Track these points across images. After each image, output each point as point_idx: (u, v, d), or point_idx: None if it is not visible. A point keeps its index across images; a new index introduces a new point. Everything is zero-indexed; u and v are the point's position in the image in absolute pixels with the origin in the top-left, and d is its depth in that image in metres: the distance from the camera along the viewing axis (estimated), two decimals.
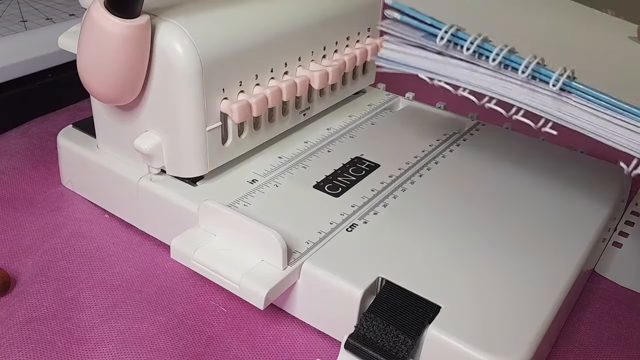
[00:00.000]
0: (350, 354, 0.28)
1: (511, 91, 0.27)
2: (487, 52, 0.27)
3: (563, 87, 0.26)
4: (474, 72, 0.28)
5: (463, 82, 0.28)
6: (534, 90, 0.27)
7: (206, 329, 0.32)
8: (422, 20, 0.29)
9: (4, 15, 0.53)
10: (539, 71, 0.26)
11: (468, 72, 0.28)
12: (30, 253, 0.36)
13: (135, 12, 0.30)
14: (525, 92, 0.27)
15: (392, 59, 0.30)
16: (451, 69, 0.29)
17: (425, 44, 0.29)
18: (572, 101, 0.26)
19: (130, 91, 0.33)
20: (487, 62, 0.27)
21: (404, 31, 0.29)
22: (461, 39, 0.28)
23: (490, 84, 0.28)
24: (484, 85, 0.28)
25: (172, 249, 0.32)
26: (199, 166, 0.35)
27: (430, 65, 0.29)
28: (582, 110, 0.26)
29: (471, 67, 0.28)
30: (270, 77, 0.37)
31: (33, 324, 0.31)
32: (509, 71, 0.27)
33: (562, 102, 0.26)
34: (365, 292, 0.29)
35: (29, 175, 0.43)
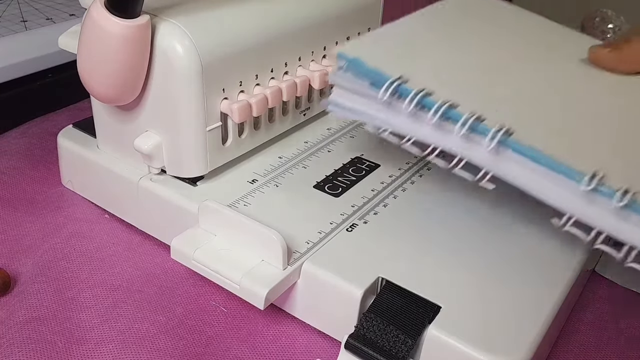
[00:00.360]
0: (351, 354, 0.28)
1: (451, 144, 0.28)
2: (428, 105, 0.28)
3: (500, 143, 0.26)
4: (416, 124, 0.28)
5: (407, 133, 0.29)
6: (471, 144, 0.27)
7: (206, 329, 0.32)
8: (367, 71, 0.29)
9: (4, 15, 0.53)
10: (477, 127, 0.27)
11: (411, 124, 0.29)
12: (30, 253, 0.36)
13: (136, 12, 0.30)
14: (464, 145, 0.27)
15: (342, 105, 0.31)
16: (395, 119, 0.29)
17: (370, 93, 0.29)
18: (508, 157, 0.27)
19: (130, 91, 0.33)
20: (428, 115, 0.28)
21: (351, 80, 0.30)
22: (403, 93, 0.28)
23: (432, 136, 0.28)
24: (426, 138, 0.28)
25: (172, 249, 0.32)
26: (199, 166, 0.35)
27: (375, 114, 0.30)
28: (517, 165, 0.27)
29: (414, 119, 0.28)
30: (270, 77, 0.37)
31: (33, 324, 0.31)
32: (449, 124, 0.28)
33: (498, 157, 0.27)
34: (365, 292, 0.29)
35: (29, 175, 0.43)
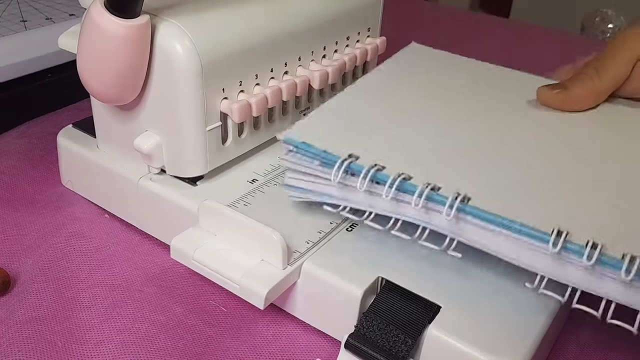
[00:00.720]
0: (351, 353, 0.28)
1: (411, 215, 0.28)
2: (382, 180, 0.28)
3: (458, 210, 0.27)
4: (374, 200, 0.29)
5: (366, 209, 0.29)
6: (430, 213, 0.28)
7: (206, 329, 0.32)
8: (316, 153, 0.30)
9: (4, 15, 0.53)
10: (433, 197, 0.27)
11: (368, 200, 0.29)
12: (30, 253, 0.36)
13: (136, 12, 0.30)
14: (424, 216, 0.28)
15: (299, 187, 0.31)
16: (352, 197, 0.29)
17: (323, 174, 0.30)
18: (468, 222, 0.27)
19: (130, 91, 0.33)
20: (383, 190, 0.28)
21: (302, 162, 0.30)
22: (356, 170, 0.29)
23: (391, 210, 0.29)
24: (385, 212, 0.29)
25: (172, 248, 0.32)
26: (199, 166, 0.35)
27: (331, 193, 0.30)
28: (479, 230, 0.27)
29: (370, 195, 0.29)
30: (270, 77, 0.37)
31: (33, 323, 0.31)
32: (406, 197, 0.28)
33: (459, 224, 0.27)
34: (365, 291, 0.29)
35: (29, 175, 0.43)
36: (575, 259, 0.25)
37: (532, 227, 0.26)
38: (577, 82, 0.36)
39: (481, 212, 0.27)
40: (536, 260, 0.26)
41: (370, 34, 0.45)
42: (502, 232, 0.26)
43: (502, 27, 0.80)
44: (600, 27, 1.37)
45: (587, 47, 0.72)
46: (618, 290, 0.24)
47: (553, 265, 0.25)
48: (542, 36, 0.75)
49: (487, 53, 0.50)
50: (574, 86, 0.36)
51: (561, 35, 0.77)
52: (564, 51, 0.71)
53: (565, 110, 0.36)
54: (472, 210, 0.27)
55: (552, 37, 0.75)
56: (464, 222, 0.27)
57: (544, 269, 0.26)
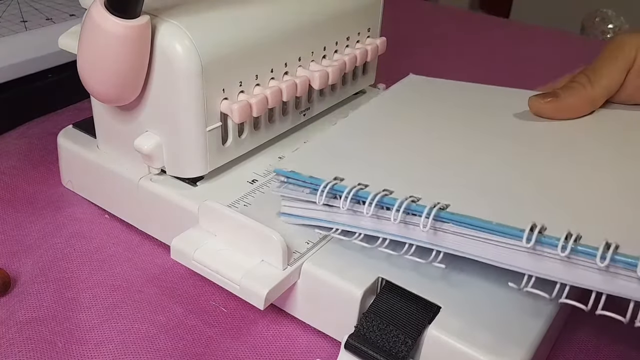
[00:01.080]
0: (351, 354, 0.28)
1: (391, 231, 0.29)
2: (364, 198, 0.29)
3: (436, 219, 0.27)
4: (357, 219, 0.30)
5: (354, 229, 0.30)
6: (410, 227, 0.28)
7: (206, 329, 0.32)
8: (304, 180, 0.31)
9: (4, 15, 0.53)
10: (411, 208, 0.28)
11: (352, 219, 0.30)
12: (30, 253, 0.36)
13: (136, 12, 0.30)
14: (403, 230, 0.28)
15: (294, 215, 0.32)
16: (337, 217, 0.30)
17: (312, 200, 0.31)
18: (446, 231, 0.27)
19: (130, 91, 0.33)
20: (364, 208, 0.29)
21: (293, 191, 0.32)
22: (339, 191, 0.30)
23: (373, 227, 0.29)
24: (371, 230, 0.29)
25: (172, 249, 0.32)
26: (199, 166, 0.35)
27: (320, 215, 0.31)
28: (456, 236, 0.27)
29: (353, 213, 0.30)
30: (270, 77, 0.37)
31: (33, 324, 0.31)
32: (386, 213, 0.29)
33: (437, 233, 0.28)
34: (365, 292, 0.29)
35: (29, 175, 0.43)
36: (550, 251, 0.25)
37: (506, 224, 0.26)
38: (569, 91, 0.36)
39: (456, 216, 0.27)
40: (515, 259, 0.26)
41: (370, 34, 0.45)
42: (479, 236, 0.26)
43: (502, 27, 0.80)
44: (600, 27, 1.37)
45: (587, 47, 0.72)
46: (597, 279, 0.24)
47: (531, 261, 0.26)
48: (542, 36, 0.75)
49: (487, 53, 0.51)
50: (566, 95, 0.36)
51: (561, 35, 0.77)
52: (564, 51, 0.71)
53: (558, 119, 0.36)
54: (447, 215, 0.27)
55: (552, 37, 0.75)
56: (442, 232, 0.27)
57: (524, 266, 0.26)
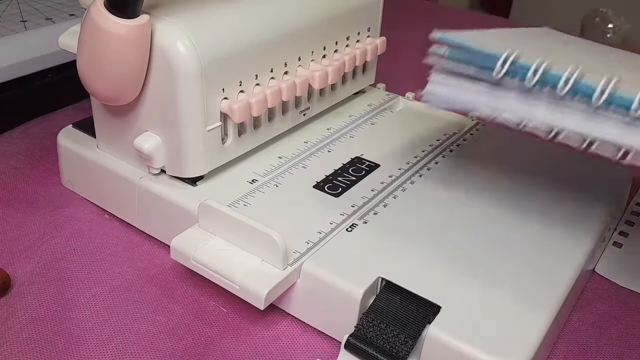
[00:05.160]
0: (351, 353, 0.28)
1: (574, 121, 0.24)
2: (552, 79, 0.24)
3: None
4: (534, 104, 0.25)
5: (519, 116, 0.26)
6: (604, 119, 0.23)
7: (206, 329, 0.32)
8: (474, 53, 0.26)
9: (4, 15, 0.53)
10: (616, 96, 0.22)
11: (529, 105, 0.25)
12: (30, 253, 0.36)
13: (136, 12, 0.30)
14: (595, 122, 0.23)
15: (442, 95, 0.28)
16: (510, 101, 0.26)
17: (479, 76, 0.26)
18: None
19: (130, 91, 0.33)
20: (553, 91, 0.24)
21: (454, 65, 0.27)
22: (522, 67, 0.25)
23: (556, 118, 0.24)
24: (547, 120, 0.25)
25: (172, 249, 0.32)
26: (199, 166, 0.35)
27: (484, 98, 0.26)
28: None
29: (531, 98, 0.25)
30: (270, 77, 0.37)
31: (33, 324, 0.31)
32: (577, 99, 0.24)
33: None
34: (365, 292, 0.29)
35: (29, 175, 0.43)
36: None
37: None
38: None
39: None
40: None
41: (370, 34, 0.45)
42: None
43: (502, 26, 0.80)
44: (600, 27, 1.37)
45: None
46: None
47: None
48: None
49: None
50: None
51: None
52: None
53: None
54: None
55: None
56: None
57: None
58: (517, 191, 0.37)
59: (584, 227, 0.34)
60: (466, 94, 0.27)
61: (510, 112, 0.26)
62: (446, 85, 0.27)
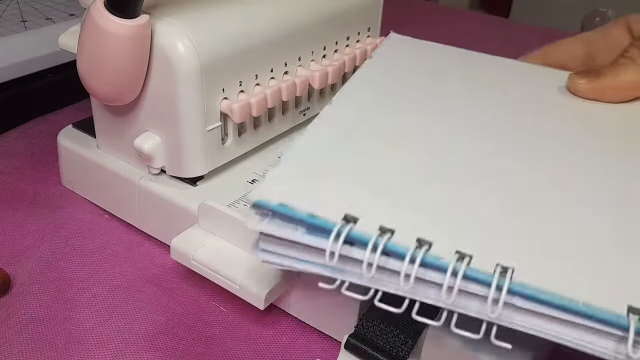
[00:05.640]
0: (351, 354, 0.28)
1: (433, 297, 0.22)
2: (396, 254, 0.22)
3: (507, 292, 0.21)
4: (382, 275, 0.22)
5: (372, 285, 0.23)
6: (468, 295, 0.22)
7: (206, 329, 0.32)
8: (300, 218, 0.23)
9: (4, 15, 0.53)
10: (468, 275, 0.21)
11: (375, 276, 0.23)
12: (30, 253, 0.36)
13: (136, 12, 0.30)
14: (456, 298, 0.22)
15: (280, 258, 0.24)
16: (352, 268, 0.23)
17: (312, 243, 0.23)
18: (517, 304, 0.21)
19: (130, 91, 0.33)
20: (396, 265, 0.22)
21: (281, 228, 0.23)
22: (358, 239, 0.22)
23: (407, 290, 0.22)
24: (402, 292, 0.23)
25: (172, 249, 0.32)
26: (199, 166, 0.35)
27: (324, 267, 0.23)
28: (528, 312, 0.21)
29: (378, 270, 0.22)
30: (270, 77, 0.37)
31: (33, 324, 0.31)
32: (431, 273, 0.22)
33: (504, 305, 0.21)
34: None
35: (29, 175, 0.43)
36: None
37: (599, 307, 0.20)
38: (618, 68, 0.30)
39: (529, 289, 0.21)
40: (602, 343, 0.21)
41: (370, 34, 0.45)
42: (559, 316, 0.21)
43: (502, 26, 0.80)
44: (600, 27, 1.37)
45: None
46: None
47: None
48: (542, 36, 0.75)
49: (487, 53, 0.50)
50: (614, 73, 0.30)
51: (561, 35, 0.77)
52: None
53: (603, 101, 0.30)
54: (518, 289, 0.21)
55: (552, 37, 0.75)
56: (509, 307, 0.21)
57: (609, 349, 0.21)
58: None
59: None
60: (309, 262, 0.24)
61: (358, 278, 0.23)
62: (281, 250, 0.24)
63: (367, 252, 0.22)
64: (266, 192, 0.24)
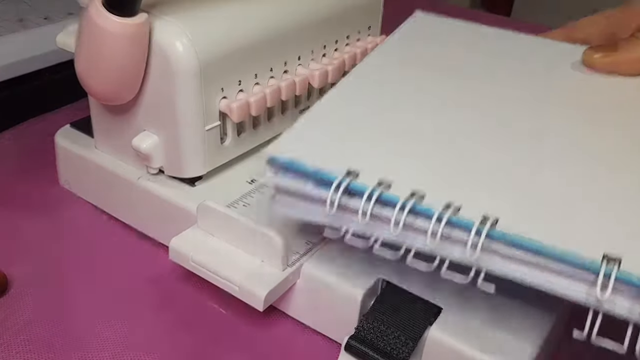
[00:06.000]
0: (351, 355, 0.28)
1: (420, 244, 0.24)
2: (390, 202, 0.24)
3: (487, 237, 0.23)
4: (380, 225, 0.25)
5: (371, 236, 0.25)
6: (452, 242, 0.23)
7: (205, 330, 0.31)
8: (308, 172, 0.25)
9: (1, 13, 0.52)
10: (454, 222, 0.23)
11: (373, 226, 0.25)
12: (27, 254, 0.36)
13: (134, 10, 0.30)
14: (442, 245, 0.24)
15: (291, 211, 0.27)
16: (353, 221, 0.25)
17: (318, 196, 0.25)
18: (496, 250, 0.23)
19: (128, 90, 0.33)
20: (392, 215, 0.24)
21: (292, 181, 0.26)
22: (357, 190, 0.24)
23: (402, 237, 0.24)
24: (396, 239, 0.24)
25: (170, 249, 0.31)
26: (198, 166, 0.35)
27: (330, 219, 0.25)
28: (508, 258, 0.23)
29: (376, 220, 0.25)
30: (269, 76, 0.37)
31: (30, 325, 0.31)
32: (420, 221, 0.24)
33: (485, 253, 0.23)
34: (365, 293, 0.29)
35: (26, 175, 0.43)
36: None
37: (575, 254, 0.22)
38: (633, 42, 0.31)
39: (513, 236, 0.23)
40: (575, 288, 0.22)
41: (370, 33, 0.45)
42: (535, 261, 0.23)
43: (503, 25, 0.79)
44: None
45: None
46: None
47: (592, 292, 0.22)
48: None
49: None
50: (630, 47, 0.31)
51: None
52: None
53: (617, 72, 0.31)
54: (499, 235, 0.23)
55: None
56: (489, 252, 0.23)
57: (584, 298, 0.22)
58: None
59: None
60: (315, 212, 0.26)
61: (356, 230, 0.25)
62: (294, 204, 0.26)
63: (363, 201, 0.24)
64: (280, 148, 0.27)
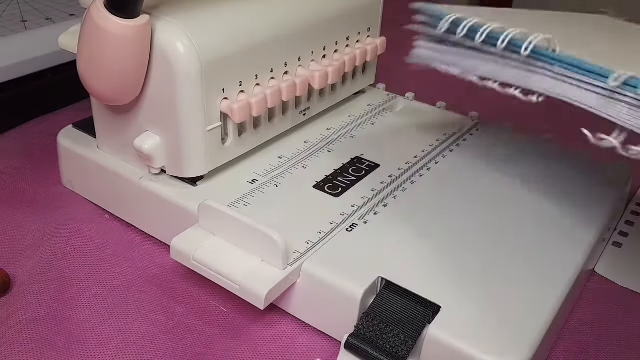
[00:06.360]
0: (351, 353, 0.28)
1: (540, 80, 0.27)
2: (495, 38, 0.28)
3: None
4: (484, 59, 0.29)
5: (476, 70, 0.29)
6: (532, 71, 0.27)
7: (206, 329, 0.32)
8: (433, 13, 0.30)
9: (4, 15, 0.53)
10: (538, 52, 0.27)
11: (479, 60, 0.29)
12: (30, 253, 0.36)
13: (136, 11, 0.30)
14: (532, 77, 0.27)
15: (424, 57, 0.32)
16: (465, 59, 0.30)
17: (445, 37, 0.30)
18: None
19: (130, 91, 0.33)
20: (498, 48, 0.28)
21: (429, 29, 0.31)
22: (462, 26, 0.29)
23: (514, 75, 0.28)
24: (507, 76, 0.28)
25: (172, 249, 0.32)
26: (199, 166, 0.35)
27: (451, 59, 0.30)
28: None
29: (481, 54, 0.29)
30: (270, 77, 0.37)
31: (33, 324, 0.31)
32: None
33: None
34: (365, 292, 0.29)
35: (29, 175, 0.43)
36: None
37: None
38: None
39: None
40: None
41: (370, 34, 0.45)
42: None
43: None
44: None
45: None
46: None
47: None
48: None
49: None
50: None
51: None
52: None
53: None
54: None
55: None
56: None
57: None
58: (518, 190, 0.37)
59: (583, 226, 0.34)
60: (446, 55, 0.31)
61: (484, 71, 0.29)
62: (429, 50, 0.32)
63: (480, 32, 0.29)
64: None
